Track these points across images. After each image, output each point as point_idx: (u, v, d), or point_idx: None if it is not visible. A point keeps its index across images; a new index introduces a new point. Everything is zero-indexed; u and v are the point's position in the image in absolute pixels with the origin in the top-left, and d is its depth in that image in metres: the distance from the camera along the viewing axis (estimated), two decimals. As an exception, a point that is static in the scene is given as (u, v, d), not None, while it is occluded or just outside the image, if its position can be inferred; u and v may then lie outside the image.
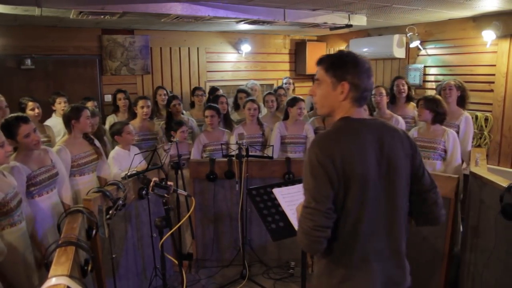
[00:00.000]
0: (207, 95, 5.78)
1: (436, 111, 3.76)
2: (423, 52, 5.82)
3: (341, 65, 1.67)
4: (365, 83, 1.66)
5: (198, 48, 6.96)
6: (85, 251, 2.31)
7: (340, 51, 1.75)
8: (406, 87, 4.82)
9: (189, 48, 6.89)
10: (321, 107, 1.78)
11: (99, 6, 3.73)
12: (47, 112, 4.69)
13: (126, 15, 4.07)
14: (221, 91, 5.83)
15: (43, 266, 2.69)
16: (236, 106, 5.45)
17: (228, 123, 4.86)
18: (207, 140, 4.32)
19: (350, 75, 1.65)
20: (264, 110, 5.20)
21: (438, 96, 3.96)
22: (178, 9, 4.03)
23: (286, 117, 4.50)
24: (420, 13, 4.82)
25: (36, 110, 4.21)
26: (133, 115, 4.64)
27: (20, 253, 2.47)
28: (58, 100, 4.74)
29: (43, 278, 2.56)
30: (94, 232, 2.69)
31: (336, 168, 1.55)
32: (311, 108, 5.52)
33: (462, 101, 4.32)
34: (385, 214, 1.65)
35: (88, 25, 5.76)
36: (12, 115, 2.92)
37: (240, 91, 5.52)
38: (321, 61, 1.75)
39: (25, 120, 2.84)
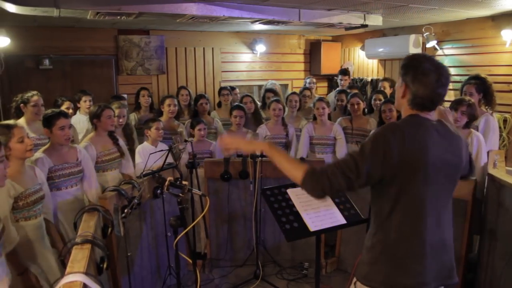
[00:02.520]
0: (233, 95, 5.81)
1: (473, 116, 3.57)
2: (439, 52, 5.75)
3: (406, 67, 1.75)
4: (422, 91, 1.70)
5: (213, 48, 6.99)
6: (101, 249, 2.34)
7: (416, 54, 1.81)
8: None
9: (204, 48, 6.92)
10: (395, 101, 1.90)
11: (115, 6, 3.77)
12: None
13: (142, 15, 4.10)
14: (237, 90, 5.86)
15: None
16: (264, 105, 5.48)
17: (258, 121, 4.88)
18: None
19: (409, 79, 1.72)
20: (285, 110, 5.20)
21: (473, 100, 3.70)
22: (193, 9, 4.04)
23: (314, 117, 4.52)
24: (437, 13, 4.76)
25: (71, 110, 4.47)
26: (158, 113, 4.74)
27: (33, 245, 2.55)
28: (84, 98, 4.90)
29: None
30: (109, 230, 2.72)
31: (399, 158, 1.62)
32: (334, 108, 5.49)
33: (487, 101, 4.04)
34: (438, 209, 1.74)
35: (104, 26, 5.83)
36: (56, 109, 3.21)
37: (268, 90, 5.56)
38: (403, 60, 1.82)
39: (66, 115, 3.13)
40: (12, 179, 2.47)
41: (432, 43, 5.63)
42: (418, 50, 5.91)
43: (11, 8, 3.48)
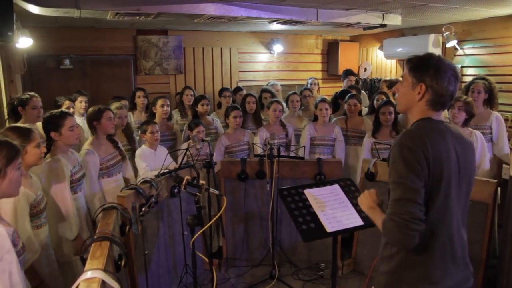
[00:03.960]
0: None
1: (471, 113, 3.69)
2: (460, 52, 5.66)
3: (423, 67, 1.71)
4: (444, 88, 1.69)
5: (230, 48, 7.01)
6: (119, 246, 2.36)
7: (429, 54, 1.77)
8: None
9: (221, 48, 6.95)
10: (399, 104, 1.86)
11: (134, 7, 3.82)
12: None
13: (160, 15, 4.14)
14: (244, 91, 5.81)
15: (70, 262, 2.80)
16: (260, 106, 5.40)
17: (258, 121, 4.85)
18: (228, 142, 4.35)
19: (429, 78, 1.69)
20: (286, 110, 5.16)
21: (470, 98, 3.85)
22: (211, 9, 4.07)
23: (315, 118, 4.48)
24: (458, 12, 4.68)
25: (71, 109, 4.33)
26: (151, 114, 4.61)
27: (45, 254, 2.49)
28: (79, 98, 4.76)
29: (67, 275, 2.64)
30: (127, 228, 2.74)
31: (428, 165, 1.60)
32: (335, 109, 5.40)
33: (489, 102, 4.21)
34: (458, 217, 1.72)
35: (123, 26, 5.90)
36: (57, 110, 3.05)
37: (264, 90, 5.49)
38: (408, 61, 1.79)
39: (70, 114, 3.01)
40: (25, 187, 2.35)
41: (452, 43, 5.54)
42: (438, 50, 5.83)
43: (34, 9, 3.55)
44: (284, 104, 5.09)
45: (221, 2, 4.04)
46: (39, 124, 3.66)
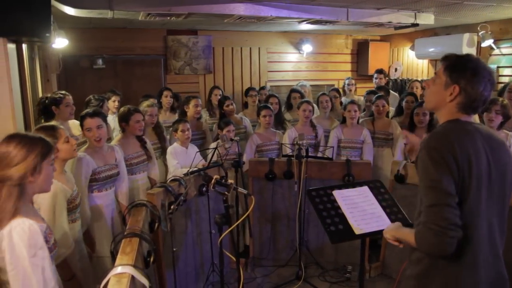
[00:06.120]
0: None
1: (507, 116, 3.58)
2: (496, 51, 5.48)
3: (460, 68, 1.65)
4: (479, 94, 1.63)
5: (259, 48, 7.02)
6: (148, 243, 2.40)
7: (468, 55, 1.72)
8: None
9: (250, 48, 6.97)
10: (428, 102, 1.82)
11: (166, 8, 3.87)
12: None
13: (190, 16, 4.19)
14: (267, 90, 5.80)
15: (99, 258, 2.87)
16: (289, 106, 5.39)
17: (280, 122, 4.84)
18: (260, 141, 4.36)
19: (464, 81, 1.63)
20: (317, 111, 5.12)
21: (506, 100, 3.72)
22: (241, 9, 4.08)
23: (343, 120, 4.44)
24: (495, 10, 4.53)
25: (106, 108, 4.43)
26: (182, 113, 4.66)
27: (78, 248, 2.56)
28: (113, 98, 4.87)
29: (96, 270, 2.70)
30: (156, 225, 2.78)
31: (458, 167, 1.55)
32: (364, 109, 5.34)
33: None
34: (493, 222, 1.66)
35: (154, 26, 6.00)
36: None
37: (294, 91, 5.47)
38: (445, 58, 1.73)
39: (91, 115, 3.06)
40: (61, 183, 2.44)
41: (488, 42, 5.37)
42: (473, 50, 5.66)
43: (70, 11, 3.66)
44: (315, 105, 5.07)
45: (251, 2, 4.05)
46: (72, 122, 3.86)
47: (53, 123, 2.96)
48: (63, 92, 3.77)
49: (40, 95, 4.46)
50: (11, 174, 1.67)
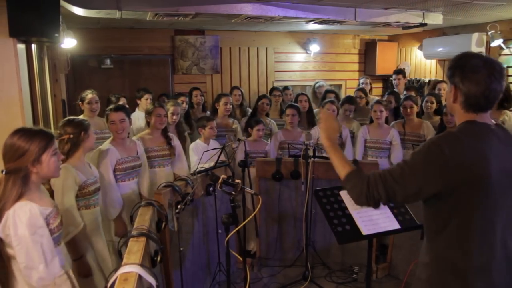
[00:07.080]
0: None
1: None
2: (506, 51, 5.43)
3: (452, 68, 1.65)
4: (473, 90, 1.58)
5: (266, 48, 7.02)
6: (155, 242, 2.41)
7: (463, 52, 1.68)
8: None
9: (257, 48, 6.97)
10: (448, 108, 1.86)
11: (173, 8, 3.89)
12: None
13: (198, 16, 4.20)
14: (291, 91, 5.84)
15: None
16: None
17: (311, 120, 4.86)
18: (283, 138, 4.38)
19: (457, 79, 1.62)
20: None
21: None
22: (248, 9, 4.08)
23: (371, 120, 4.43)
24: (505, 9, 4.49)
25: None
26: (213, 111, 4.85)
27: (90, 234, 2.76)
28: (145, 96, 5.09)
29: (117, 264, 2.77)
30: (163, 225, 2.79)
31: (456, 170, 1.53)
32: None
33: None
34: (504, 222, 1.61)
35: (161, 26, 6.02)
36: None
37: (329, 91, 5.48)
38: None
39: (115, 109, 3.37)
40: (76, 169, 2.69)
41: (497, 42, 5.33)
42: (481, 50, 5.61)
43: (78, 11, 3.69)
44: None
45: (258, 2, 4.05)
46: (96, 118, 4.38)
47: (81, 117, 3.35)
48: (89, 91, 4.34)
49: (49, 94, 4.53)
50: (19, 166, 1.90)
